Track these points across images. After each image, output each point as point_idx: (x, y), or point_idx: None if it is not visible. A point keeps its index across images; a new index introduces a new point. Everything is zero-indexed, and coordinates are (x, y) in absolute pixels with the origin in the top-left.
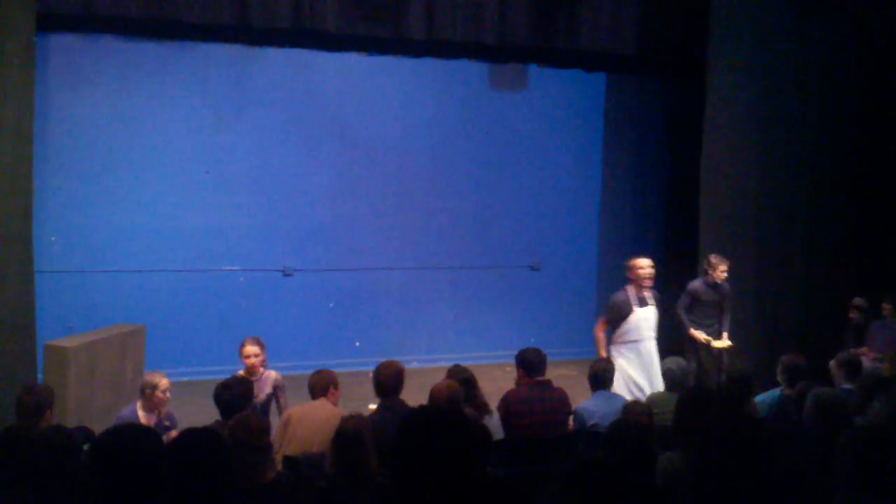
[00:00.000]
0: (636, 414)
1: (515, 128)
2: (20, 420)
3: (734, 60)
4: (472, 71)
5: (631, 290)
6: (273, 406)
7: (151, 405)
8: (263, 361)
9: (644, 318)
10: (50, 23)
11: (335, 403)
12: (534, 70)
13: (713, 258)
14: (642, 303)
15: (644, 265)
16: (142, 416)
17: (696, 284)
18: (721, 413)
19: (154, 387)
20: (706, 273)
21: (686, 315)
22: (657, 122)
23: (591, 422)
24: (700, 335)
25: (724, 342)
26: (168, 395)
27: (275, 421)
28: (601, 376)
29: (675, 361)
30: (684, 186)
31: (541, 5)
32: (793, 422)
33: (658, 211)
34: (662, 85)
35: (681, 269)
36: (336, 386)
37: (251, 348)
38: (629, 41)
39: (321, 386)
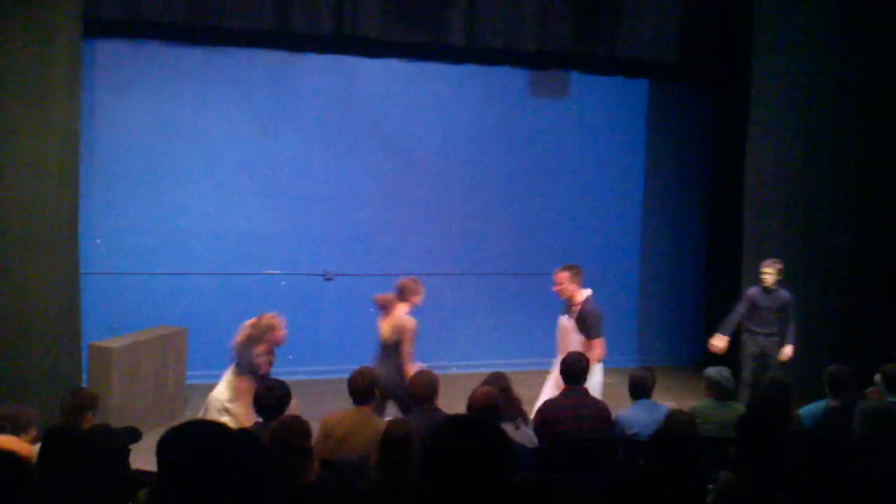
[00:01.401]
0: (679, 423)
1: (556, 135)
2: (64, 419)
3: (778, 68)
4: (512, 78)
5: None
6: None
7: (272, 344)
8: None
9: None
10: (96, 28)
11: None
12: (575, 77)
13: (763, 262)
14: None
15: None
16: (263, 363)
17: (751, 290)
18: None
19: (273, 326)
20: (760, 278)
21: (733, 320)
22: (700, 130)
23: (632, 431)
24: (717, 342)
25: (784, 353)
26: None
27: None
28: (642, 385)
29: (718, 370)
30: (727, 194)
31: (582, 13)
32: (840, 434)
33: (700, 219)
34: (705, 93)
35: (722, 277)
36: (374, 388)
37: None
38: (671, 49)
39: (360, 391)
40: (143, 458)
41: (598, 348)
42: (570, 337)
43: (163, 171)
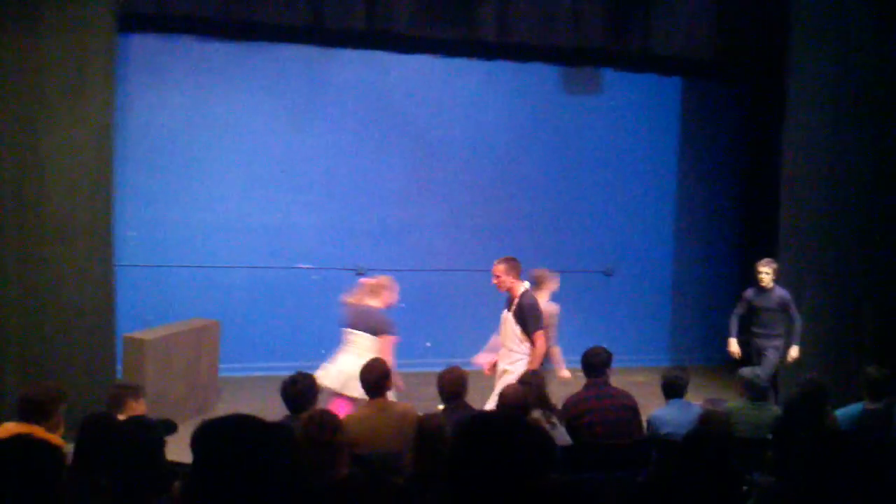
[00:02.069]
0: (714, 423)
1: (588, 132)
2: (108, 408)
3: (815, 65)
4: (544, 74)
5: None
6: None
7: (387, 304)
8: None
9: None
10: (130, 23)
11: (397, 389)
12: (608, 73)
13: (759, 261)
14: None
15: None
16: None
17: (747, 291)
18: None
19: (387, 286)
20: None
21: (734, 322)
22: (734, 127)
23: (665, 430)
24: (732, 348)
25: (791, 355)
26: None
27: None
28: (675, 384)
29: (752, 370)
30: (762, 192)
31: (615, 8)
32: (879, 438)
33: (734, 217)
34: (739, 90)
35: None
36: (387, 378)
37: None
38: (706, 45)
39: (372, 384)
40: (177, 449)
41: (539, 342)
42: (509, 330)
43: (196, 165)
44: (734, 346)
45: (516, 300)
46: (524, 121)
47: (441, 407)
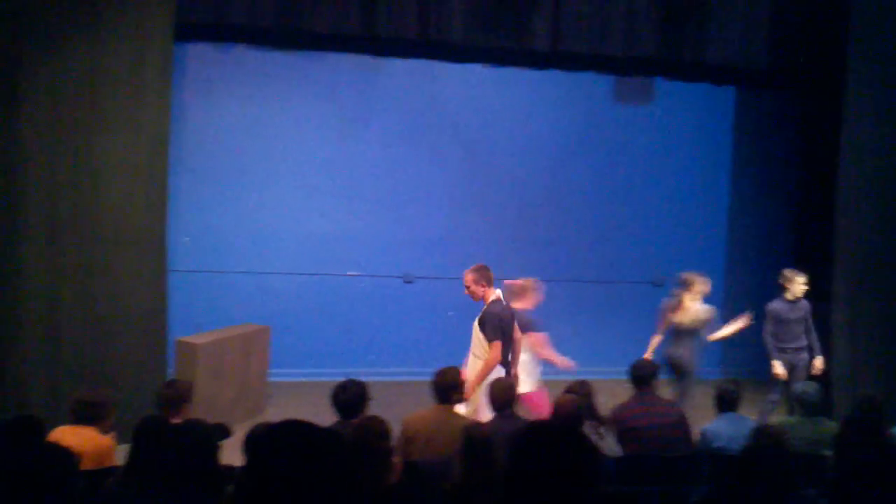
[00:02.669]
0: (769, 438)
1: (639, 142)
2: (159, 411)
3: (873, 74)
4: (596, 83)
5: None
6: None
7: (534, 302)
8: None
9: None
10: (186, 32)
11: (465, 400)
12: (660, 83)
13: (788, 272)
14: None
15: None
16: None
17: (774, 305)
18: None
19: (530, 288)
20: (784, 289)
21: (769, 341)
22: (789, 138)
23: (717, 444)
24: (779, 369)
25: (816, 366)
26: None
27: None
28: (728, 397)
29: (805, 385)
30: (817, 205)
31: (669, 17)
32: None
33: (788, 228)
34: (794, 99)
35: (812, 290)
36: (459, 387)
37: None
38: (761, 54)
39: (442, 389)
40: (227, 452)
41: (494, 351)
42: (475, 338)
43: (248, 172)
44: (781, 368)
45: (484, 308)
46: (575, 130)
47: (489, 416)
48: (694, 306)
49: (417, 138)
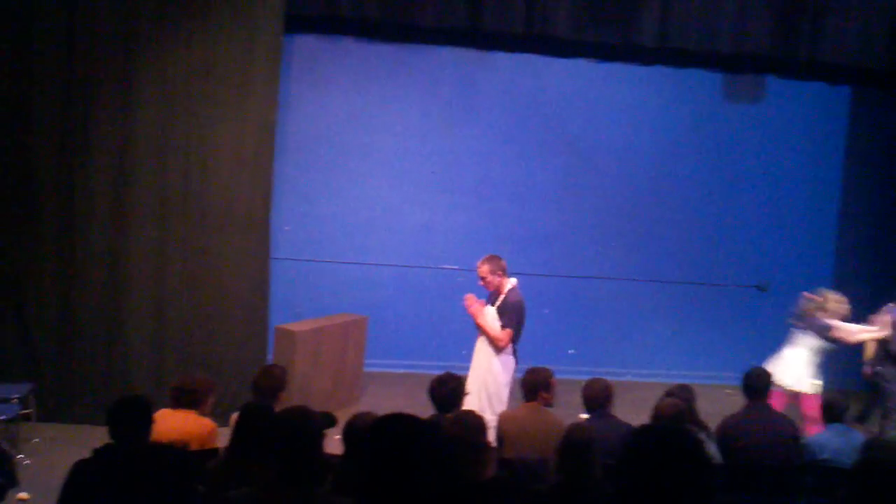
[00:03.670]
0: (884, 451)
1: (748, 141)
2: (256, 398)
3: None
4: (704, 81)
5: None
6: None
7: (834, 315)
8: None
9: None
10: (295, 24)
11: (549, 404)
12: (771, 81)
13: None
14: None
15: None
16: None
17: (894, 313)
18: None
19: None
20: None
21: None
22: None
23: (822, 455)
24: None
25: None
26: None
27: None
28: (835, 408)
29: None
30: None
31: (783, 14)
32: None
33: None
34: None
35: None
36: (547, 388)
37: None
38: (879, 53)
39: (530, 387)
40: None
41: (505, 338)
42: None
43: (350, 164)
44: None
45: (502, 296)
46: (681, 128)
47: (584, 416)
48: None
49: (520, 133)
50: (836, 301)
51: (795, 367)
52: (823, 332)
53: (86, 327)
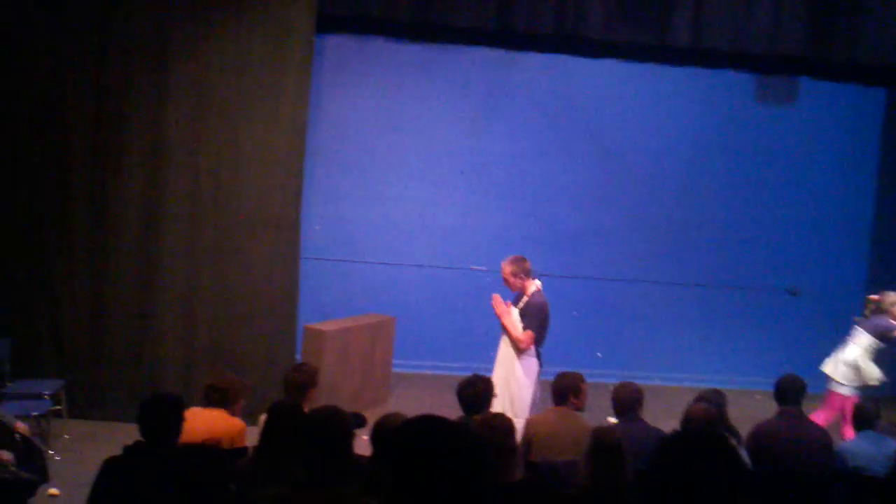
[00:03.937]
0: None
1: (781, 143)
2: (287, 394)
3: None
4: (737, 81)
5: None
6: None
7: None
8: None
9: None
10: (326, 25)
11: (579, 409)
12: (805, 83)
13: None
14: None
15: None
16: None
17: None
18: None
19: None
20: None
21: None
22: None
23: (854, 463)
24: None
25: None
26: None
27: None
28: (866, 415)
29: None
30: None
31: (818, 14)
32: None
33: None
34: None
35: None
36: (577, 393)
37: None
38: None
39: (560, 392)
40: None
41: (526, 340)
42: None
43: (380, 164)
44: None
45: (526, 298)
46: (713, 130)
47: (613, 420)
48: None
49: (550, 134)
50: (891, 303)
51: (849, 365)
52: (883, 332)
53: (117, 325)
